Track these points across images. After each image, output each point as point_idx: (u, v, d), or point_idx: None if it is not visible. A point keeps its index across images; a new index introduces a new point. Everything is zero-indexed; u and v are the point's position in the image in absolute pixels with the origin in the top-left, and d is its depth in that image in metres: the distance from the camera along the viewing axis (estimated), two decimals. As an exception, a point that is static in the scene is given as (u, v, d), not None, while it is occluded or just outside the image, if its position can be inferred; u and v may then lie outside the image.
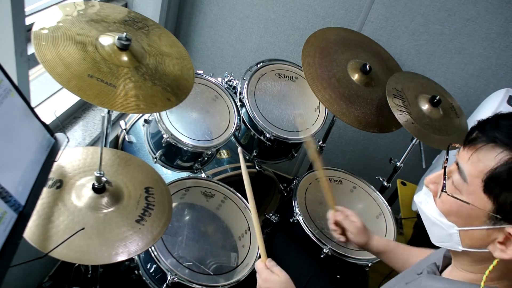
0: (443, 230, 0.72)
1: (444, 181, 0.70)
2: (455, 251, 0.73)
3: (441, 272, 0.81)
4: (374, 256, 1.33)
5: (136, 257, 1.35)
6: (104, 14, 1.08)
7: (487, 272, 0.66)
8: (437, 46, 1.92)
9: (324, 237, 1.53)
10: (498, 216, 0.63)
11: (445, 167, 0.71)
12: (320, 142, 1.87)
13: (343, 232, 1.20)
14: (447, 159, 0.73)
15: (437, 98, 1.49)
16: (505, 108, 1.61)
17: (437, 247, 0.85)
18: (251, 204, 1.07)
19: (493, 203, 0.63)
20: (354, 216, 1.18)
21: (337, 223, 1.20)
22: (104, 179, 1.06)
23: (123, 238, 1.02)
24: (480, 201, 0.64)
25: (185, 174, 1.57)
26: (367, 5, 1.89)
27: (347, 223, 1.17)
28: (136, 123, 1.73)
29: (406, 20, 1.89)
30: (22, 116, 0.80)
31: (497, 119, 0.66)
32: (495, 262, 0.65)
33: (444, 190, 0.69)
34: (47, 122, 0.90)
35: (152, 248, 1.24)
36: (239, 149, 1.21)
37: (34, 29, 0.91)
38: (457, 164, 0.69)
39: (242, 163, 1.12)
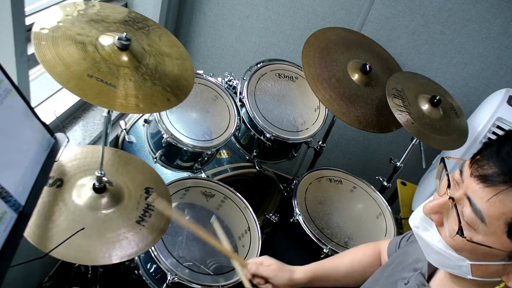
0: (450, 261, 0.66)
1: (460, 224, 0.61)
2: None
3: (428, 280, 0.80)
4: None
5: (136, 257, 1.35)
6: (104, 14, 1.08)
7: None
8: (437, 46, 1.92)
9: (324, 237, 1.53)
10: None
11: (454, 203, 0.63)
12: (320, 142, 1.87)
13: (267, 281, 1.05)
14: (449, 184, 0.66)
15: (437, 98, 1.49)
16: (505, 108, 1.61)
17: None
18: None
19: None
20: (267, 260, 1.06)
21: (255, 276, 1.05)
22: (105, 179, 1.06)
23: (123, 239, 1.01)
24: (500, 242, 0.60)
25: (185, 174, 1.57)
26: (367, 5, 1.89)
27: (261, 270, 1.04)
28: (136, 123, 1.73)
29: (406, 20, 1.89)
30: (22, 116, 0.80)
31: None
32: (502, 284, 0.64)
33: (463, 236, 0.61)
34: (47, 122, 0.90)
35: (152, 248, 1.24)
36: (213, 217, 1.18)
37: (34, 29, 0.91)
38: (468, 198, 0.62)
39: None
